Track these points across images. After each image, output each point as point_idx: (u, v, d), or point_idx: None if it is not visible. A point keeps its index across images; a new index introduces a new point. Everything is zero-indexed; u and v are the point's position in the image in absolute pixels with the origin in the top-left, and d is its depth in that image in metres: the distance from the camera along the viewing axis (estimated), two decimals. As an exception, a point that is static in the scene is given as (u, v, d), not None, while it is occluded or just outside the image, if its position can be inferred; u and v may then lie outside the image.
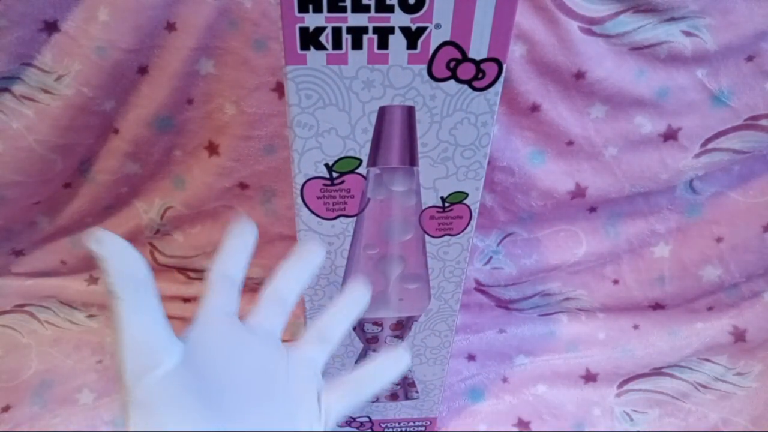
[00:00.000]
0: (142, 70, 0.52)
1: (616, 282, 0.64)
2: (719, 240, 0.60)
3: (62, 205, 0.60)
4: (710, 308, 0.64)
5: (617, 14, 0.50)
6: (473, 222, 0.37)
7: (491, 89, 0.30)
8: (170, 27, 0.50)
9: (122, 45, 0.49)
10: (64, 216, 0.60)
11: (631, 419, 0.58)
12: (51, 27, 0.49)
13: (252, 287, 0.66)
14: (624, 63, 0.52)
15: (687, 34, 0.50)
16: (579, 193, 0.58)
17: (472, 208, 0.36)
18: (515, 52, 0.51)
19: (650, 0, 0.49)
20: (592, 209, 0.61)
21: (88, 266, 0.63)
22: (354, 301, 0.31)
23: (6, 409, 0.54)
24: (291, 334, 0.65)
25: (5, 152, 0.53)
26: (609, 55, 0.51)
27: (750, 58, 0.52)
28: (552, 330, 0.65)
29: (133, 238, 0.61)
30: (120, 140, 0.55)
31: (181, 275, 0.65)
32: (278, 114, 0.54)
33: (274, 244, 0.62)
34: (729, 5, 0.49)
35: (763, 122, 0.54)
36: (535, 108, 0.54)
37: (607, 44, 0.51)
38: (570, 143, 0.56)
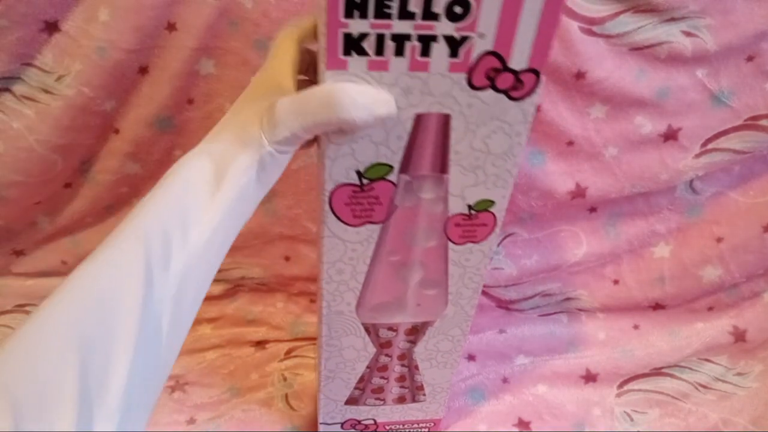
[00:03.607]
0: (143, 70, 0.52)
1: (616, 282, 0.64)
2: (719, 240, 0.60)
3: (63, 205, 0.60)
4: (710, 308, 0.64)
5: (617, 14, 0.50)
6: (497, 230, 0.36)
7: (528, 99, 0.30)
8: (171, 27, 0.50)
9: (123, 45, 0.49)
10: (65, 216, 0.60)
11: (631, 419, 0.58)
12: (52, 27, 0.49)
13: (252, 287, 0.66)
14: (624, 63, 0.52)
15: (687, 34, 0.50)
16: (579, 193, 0.58)
17: (497, 216, 0.36)
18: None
19: (650, 0, 0.49)
20: (592, 209, 0.61)
21: (89, 266, 0.63)
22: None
23: (6, 408, 0.54)
24: (291, 333, 0.66)
25: (6, 152, 0.53)
26: (609, 55, 0.51)
27: (750, 58, 0.52)
28: (552, 330, 0.65)
29: (134, 238, 0.61)
30: (120, 140, 0.55)
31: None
32: (278, 114, 0.54)
33: (274, 244, 0.62)
34: (729, 5, 0.49)
35: (763, 122, 0.54)
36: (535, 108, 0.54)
37: (608, 44, 0.51)
38: (570, 143, 0.56)
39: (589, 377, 0.61)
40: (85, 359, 0.23)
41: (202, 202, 0.28)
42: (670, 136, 0.55)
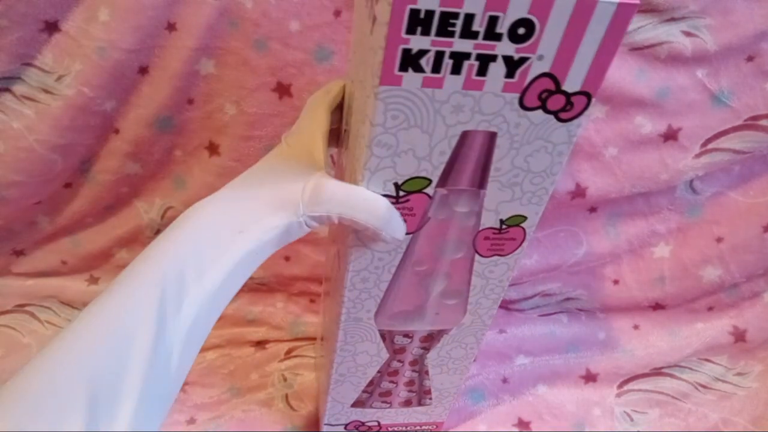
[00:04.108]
0: (143, 70, 0.52)
1: (616, 282, 0.64)
2: (719, 240, 0.60)
3: (63, 205, 0.60)
4: (710, 308, 0.64)
5: (617, 14, 0.50)
6: (525, 244, 0.36)
7: (575, 121, 0.30)
8: (171, 27, 0.50)
9: (123, 45, 0.49)
10: (65, 216, 0.60)
11: (631, 419, 0.58)
12: (52, 27, 0.49)
13: (253, 287, 0.66)
14: (624, 63, 0.52)
15: (687, 34, 0.50)
16: (579, 193, 0.58)
17: (528, 231, 0.36)
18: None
19: (650, 0, 0.49)
20: (592, 209, 0.61)
21: (89, 266, 0.63)
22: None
23: (6, 408, 0.54)
24: (291, 333, 0.66)
25: (6, 152, 0.53)
26: (609, 56, 0.51)
27: (750, 58, 0.52)
28: (552, 330, 0.65)
29: (134, 238, 0.62)
30: (120, 140, 0.55)
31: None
32: (278, 114, 0.54)
33: (275, 244, 0.62)
34: (729, 5, 0.49)
35: (763, 122, 0.54)
36: (535, 108, 0.54)
37: (607, 44, 0.51)
38: (570, 143, 0.56)
39: (589, 377, 0.61)
40: (95, 394, 0.24)
41: (222, 248, 0.29)
42: (670, 136, 0.55)
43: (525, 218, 0.35)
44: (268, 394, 0.58)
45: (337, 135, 0.39)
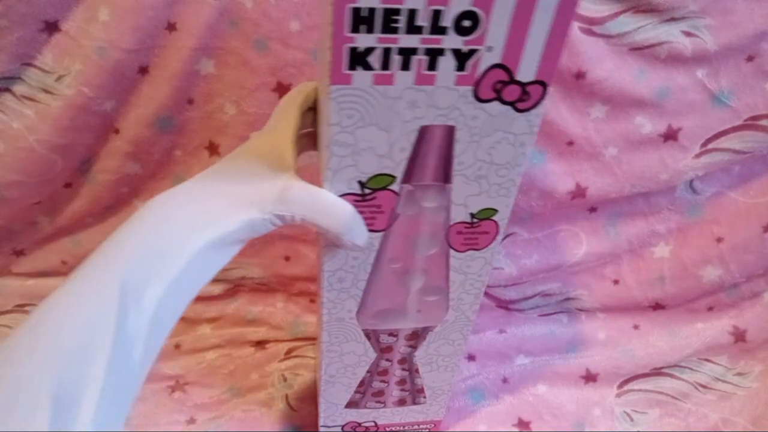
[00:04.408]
0: (143, 70, 0.52)
1: (616, 282, 0.64)
2: (719, 240, 0.60)
3: (63, 205, 0.60)
4: (710, 308, 0.64)
5: (617, 14, 0.50)
6: (499, 237, 0.36)
7: (533, 111, 0.30)
8: (171, 27, 0.50)
9: (123, 45, 0.49)
10: (65, 216, 0.60)
11: (631, 419, 0.58)
12: (52, 27, 0.49)
13: (252, 287, 0.66)
14: (624, 63, 0.52)
15: (687, 34, 0.50)
16: (579, 193, 0.58)
17: (500, 224, 0.36)
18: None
19: (650, 0, 0.49)
20: (593, 209, 0.61)
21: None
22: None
23: (6, 408, 0.54)
24: (291, 333, 0.66)
25: (6, 152, 0.53)
26: (609, 55, 0.51)
27: (750, 58, 0.52)
28: (552, 330, 0.65)
29: (134, 238, 0.61)
30: (120, 140, 0.55)
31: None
32: (278, 114, 0.54)
33: (275, 244, 0.62)
34: (729, 5, 0.49)
35: (763, 122, 0.54)
36: (535, 108, 0.54)
37: (608, 44, 0.51)
38: (570, 143, 0.56)
39: (589, 377, 0.61)
40: (58, 392, 0.24)
41: (184, 239, 0.29)
42: (670, 136, 0.55)
43: (495, 211, 0.35)
44: (268, 394, 0.58)
45: (314, 138, 0.39)
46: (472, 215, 0.35)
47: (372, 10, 0.26)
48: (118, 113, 0.54)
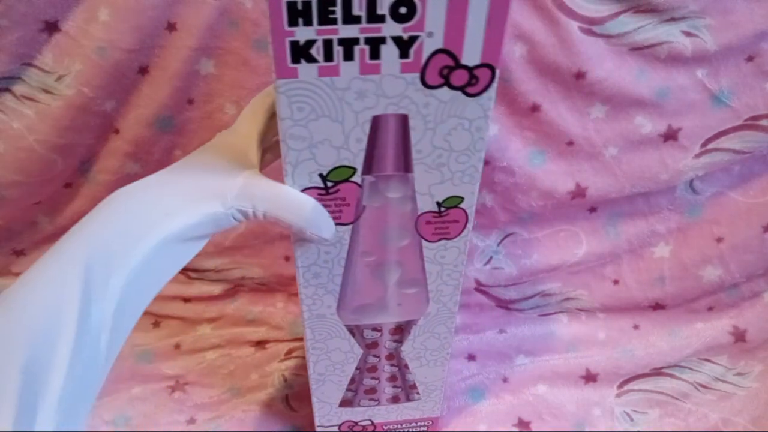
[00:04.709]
0: (143, 70, 0.52)
1: (616, 282, 0.64)
2: (719, 240, 0.60)
3: (63, 205, 0.60)
4: (710, 308, 0.64)
5: (617, 14, 0.50)
6: (470, 225, 0.37)
7: (485, 94, 0.30)
8: (171, 27, 0.50)
9: (123, 45, 0.49)
10: (65, 216, 0.60)
11: (631, 419, 0.58)
12: (51, 27, 0.49)
13: (252, 287, 0.66)
14: (624, 63, 0.52)
15: (687, 34, 0.50)
16: (579, 193, 0.58)
17: (468, 211, 0.36)
18: (515, 53, 0.51)
19: (650, 0, 0.49)
20: (592, 209, 0.61)
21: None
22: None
23: (6, 408, 0.54)
24: (291, 333, 0.66)
25: (6, 152, 0.53)
26: (609, 55, 0.51)
27: (750, 58, 0.52)
28: (552, 330, 0.65)
29: (134, 238, 0.62)
30: (120, 140, 0.55)
31: (181, 275, 0.65)
32: (278, 114, 0.54)
33: (274, 244, 0.62)
34: (729, 5, 0.49)
35: (763, 122, 0.54)
36: (535, 108, 0.54)
37: (608, 44, 0.51)
38: (570, 143, 0.56)
39: (589, 377, 0.61)
40: (23, 383, 0.24)
41: (146, 229, 0.29)
42: (670, 136, 0.55)
43: (462, 199, 0.35)
44: (268, 394, 0.58)
45: None
46: (439, 204, 0.35)
47: (307, 3, 0.26)
48: (118, 113, 0.54)
